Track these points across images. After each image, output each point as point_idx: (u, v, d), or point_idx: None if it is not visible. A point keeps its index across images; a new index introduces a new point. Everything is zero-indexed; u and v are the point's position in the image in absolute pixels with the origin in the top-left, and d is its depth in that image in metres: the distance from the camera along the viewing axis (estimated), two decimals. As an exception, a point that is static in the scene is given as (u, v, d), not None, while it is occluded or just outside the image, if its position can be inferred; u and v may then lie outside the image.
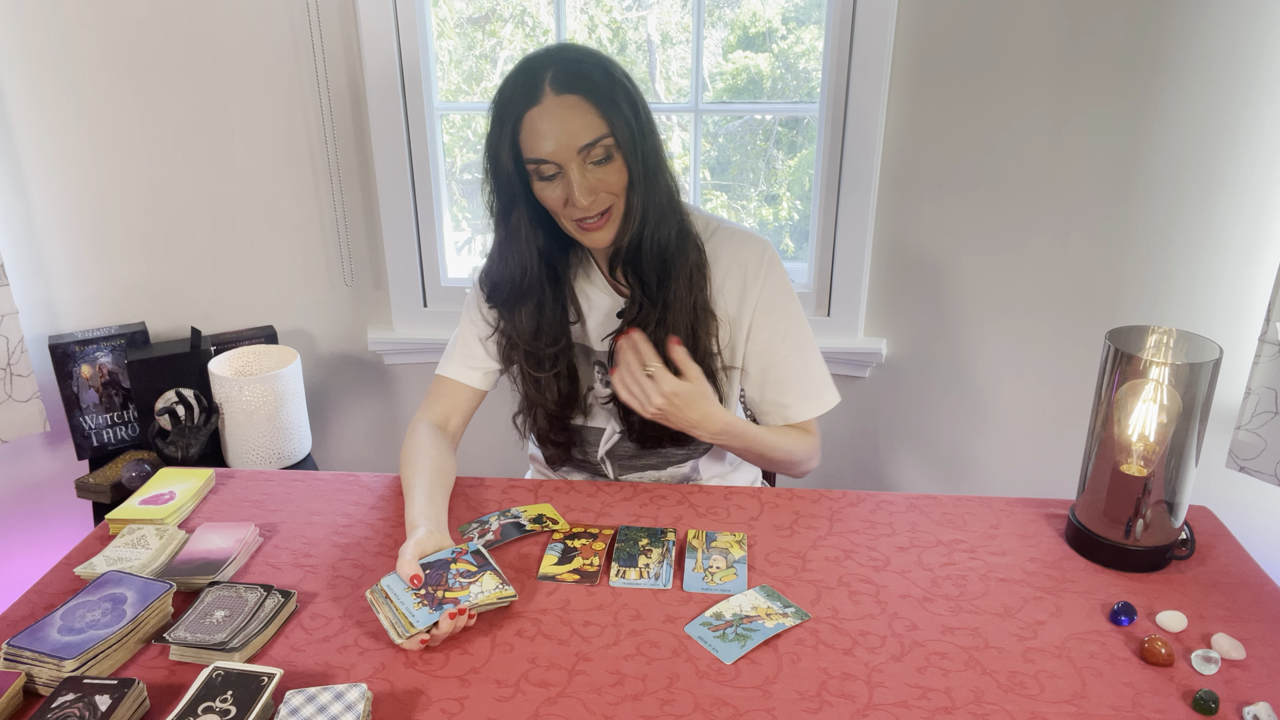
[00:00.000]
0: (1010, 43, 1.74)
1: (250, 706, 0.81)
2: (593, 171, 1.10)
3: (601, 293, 1.28)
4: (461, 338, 1.33)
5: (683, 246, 1.20)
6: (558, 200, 1.13)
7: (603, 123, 1.08)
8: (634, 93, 1.12)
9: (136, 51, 1.85)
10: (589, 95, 1.07)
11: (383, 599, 0.96)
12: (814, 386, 1.29)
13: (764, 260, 1.24)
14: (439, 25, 1.96)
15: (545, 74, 1.08)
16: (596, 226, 1.14)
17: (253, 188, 1.98)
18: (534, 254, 1.20)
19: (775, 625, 0.96)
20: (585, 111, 1.08)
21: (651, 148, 1.14)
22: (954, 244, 1.90)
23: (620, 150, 1.10)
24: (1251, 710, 0.84)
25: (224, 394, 1.80)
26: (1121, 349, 1.04)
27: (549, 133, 1.08)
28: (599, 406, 1.32)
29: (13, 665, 0.88)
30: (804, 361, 1.28)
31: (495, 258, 1.23)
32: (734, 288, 1.25)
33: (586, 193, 1.10)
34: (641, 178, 1.12)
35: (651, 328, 1.20)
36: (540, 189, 1.13)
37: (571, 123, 1.07)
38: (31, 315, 1.94)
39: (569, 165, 1.09)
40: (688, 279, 1.20)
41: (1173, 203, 1.78)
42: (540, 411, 1.30)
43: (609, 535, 1.15)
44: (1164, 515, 1.06)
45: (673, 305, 1.20)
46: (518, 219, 1.18)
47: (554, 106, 1.07)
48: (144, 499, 1.20)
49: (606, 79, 1.09)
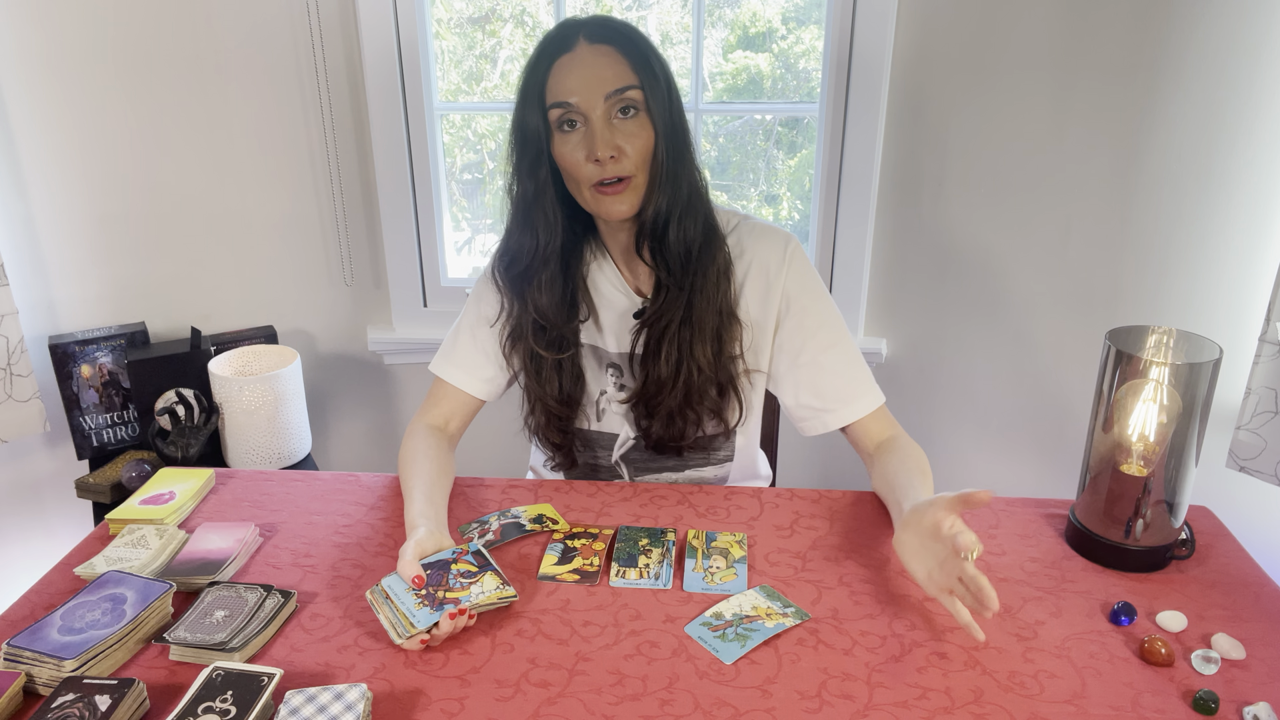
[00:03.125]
0: (1010, 43, 1.74)
1: (250, 706, 0.81)
2: (616, 125, 1.09)
3: (617, 291, 1.25)
4: (461, 339, 1.30)
5: (710, 244, 1.17)
6: (579, 154, 1.09)
7: (632, 74, 1.08)
8: (668, 70, 1.13)
9: (137, 51, 1.85)
10: (622, 48, 1.08)
11: (383, 599, 0.96)
12: (852, 388, 1.21)
13: (786, 253, 1.20)
14: (436, 26, 1.96)
15: (581, 28, 1.10)
16: (615, 190, 1.10)
17: (253, 187, 1.98)
18: (557, 218, 1.17)
19: (775, 625, 0.96)
20: (616, 61, 1.08)
21: (679, 122, 1.13)
22: (954, 244, 1.90)
23: (648, 110, 1.09)
24: (1251, 710, 0.84)
25: (224, 394, 1.80)
26: (1121, 349, 1.04)
27: (578, 75, 1.08)
28: (612, 411, 1.30)
29: (13, 665, 0.88)
30: (839, 359, 1.21)
31: (518, 223, 1.19)
32: (756, 285, 1.21)
33: (608, 145, 1.08)
34: (667, 149, 1.10)
35: (676, 326, 1.17)
36: (561, 144, 1.10)
37: (601, 68, 1.07)
38: (31, 315, 1.94)
39: (593, 113, 1.07)
40: (715, 279, 1.17)
41: (1173, 203, 1.78)
42: (540, 406, 1.27)
43: (609, 535, 1.14)
44: (1164, 515, 1.06)
45: (699, 303, 1.17)
46: (544, 179, 1.14)
47: (586, 53, 1.08)
48: (144, 499, 1.20)
49: (644, 41, 1.11)
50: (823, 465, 2.13)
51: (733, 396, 1.24)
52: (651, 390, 1.21)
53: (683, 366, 1.18)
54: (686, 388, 1.19)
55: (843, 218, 1.89)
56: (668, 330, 1.18)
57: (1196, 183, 1.76)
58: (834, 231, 1.92)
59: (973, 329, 1.95)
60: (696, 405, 1.21)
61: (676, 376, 1.19)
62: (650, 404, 1.23)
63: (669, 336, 1.18)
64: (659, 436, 1.25)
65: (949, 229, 1.89)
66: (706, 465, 1.33)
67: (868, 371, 1.24)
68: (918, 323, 1.98)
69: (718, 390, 1.22)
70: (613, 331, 1.26)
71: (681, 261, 1.16)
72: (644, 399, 1.23)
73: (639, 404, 1.24)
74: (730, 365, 1.21)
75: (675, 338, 1.18)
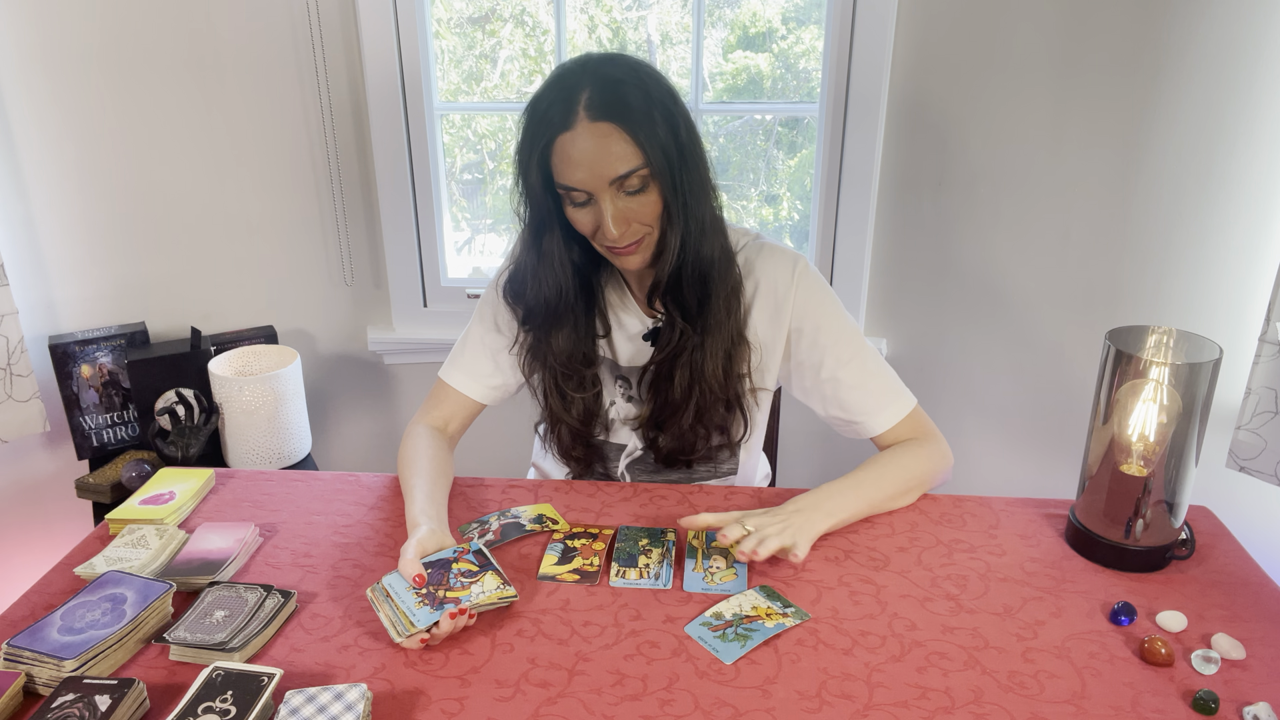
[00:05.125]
0: (1010, 43, 1.74)
1: (250, 706, 0.81)
2: (626, 201, 1.07)
3: (629, 312, 1.26)
4: (470, 346, 1.31)
5: (724, 267, 1.17)
6: (589, 227, 1.11)
7: (637, 153, 1.04)
8: (675, 112, 1.07)
9: (137, 51, 1.85)
10: (624, 124, 1.03)
11: (383, 597, 0.96)
12: (879, 397, 1.22)
13: (794, 274, 1.20)
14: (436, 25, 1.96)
15: (580, 95, 1.04)
16: (629, 252, 1.12)
17: (253, 187, 1.98)
18: (569, 274, 1.17)
19: (775, 625, 0.96)
20: (620, 141, 1.03)
21: (692, 170, 1.09)
22: (954, 244, 1.90)
23: (656, 180, 1.07)
24: (1251, 710, 0.84)
25: (224, 394, 1.80)
26: (1121, 349, 1.04)
27: (581, 161, 1.04)
28: (620, 424, 1.30)
29: (13, 665, 0.88)
30: (861, 369, 1.21)
31: (528, 280, 1.19)
32: (765, 306, 1.22)
33: (619, 223, 1.07)
34: (679, 207, 1.09)
35: (689, 354, 1.17)
36: (572, 214, 1.11)
37: (605, 153, 1.04)
38: (31, 315, 1.94)
39: (601, 195, 1.06)
40: (726, 302, 1.17)
41: (1173, 203, 1.78)
42: (564, 428, 1.27)
43: (609, 535, 1.14)
44: (1164, 515, 1.06)
45: (711, 329, 1.17)
46: (550, 243, 1.14)
47: (587, 134, 1.03)
48: (144, 499, 1.20)
49: (645, 103, 1.04)
50: (823, 465, 2.13)
51: (739, 413, 1.25)
52: (665, 413, 1.23)
53: (695, 388, 1.19)
54: (698, 407, 1.21)
55: (843, 218, 1.89)
56: (679, 357, 1.19)
57: (1196, 183, 1.76)
58: (834, 231, 1.92)
59: (973, 329, 1.95)
60: (706, 422, 1.23)
61: (689, 398, 1.20)
62: (661, 424, 1.24)
63: (681, 362, 1.19)
64: (668, 450, 1.26)
65: (949, 229, 1.89)
66: (712, 478, 1.33)
67: (890, 380, 1.23)
68: (918, 322, 1.98)
69: (725, 406, 1.23)
70: (624, 347, 1.27)
71: (698, 295, 1.16)
72: (655, 420, 1.24)
73: (650, 423, 1.25)
74: (738, 384, 1.22)
75: (688, 362, 1.18)
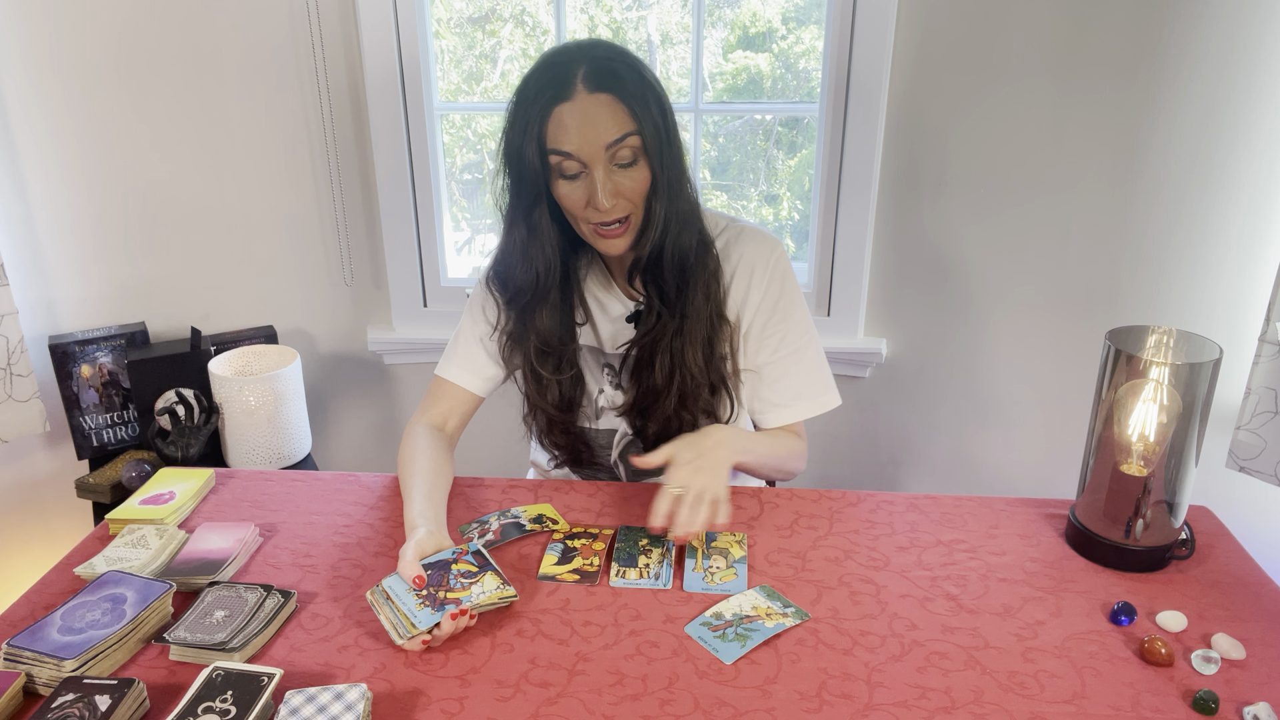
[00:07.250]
0: (1010, 43, 1.74)
1: (250, 706, 0.81)
2: (617, 174, 1.10)
3: (611, 296, 1.27)
4: (463, 340, 1.32)
5: (702, 255, 1.20)
6: (579, 202, 1.12)
7: (632, 121, 1.08)
8: (663, 97, 1.12)
9: (136, 51, 1.85)
10: (621, 94, 1.07)
11: (383, 600, 0.96)
12: (813, 387, 1.29)
13: (771, 260, 1.24)
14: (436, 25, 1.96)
15: (577, 70, 1.07)
16: (615, 234, 1.13)
17: (253, 187, 1.98)
18: (555, 252, 1.19)
19: (775, 625, 0.96)
20: (616, 110, 1.07)
21: (676, 154, 1.13)
22: (954, 244, 1.90)
23: (646, 154, 1.10)
24: (1251, 710, 0.84)
25: (224, 394, 1.80)
26: (1121, 349, 1.04)
27: (578, 128, 1.07)
28: (609, 411, 1.31)
29: (13, 665, 0.88)
30: (805, 361, 1.28)
31: (515, 258, 1.20)
32: (740, 287, 1.25)
33: (610, 195, 1.10)
34: (665, 185, 1.12)
35: (669, 338, 1.19)
36: (561, 189, 1.12)
37: (601, 119, 1.07)
38: (31, 315, 1.94)
39: (595, 164, 1.08)
40: (705, 287, 1.20)
41: (1173, 203, 1.78)
42: (540, 413, 1.29)
43: (609, 535, 1.15)
44: (1164, 515, 1.06)
45: (690, 315, 1.19)
46: (540, 216, 1.16)
47: (585, 103, 1.07)
48: (144, 499, 1.20)
49: (639, 80, 1.09)
50: (823, 465, 2.13)
51: (724, 394, 1.26)
52: (647, 399, 1.24)
53: (675, 374, 1.21)
54: (680, 393, 1.22)
55: (843, 218, 1.89)
56: (659, 342, 1.20)
57: (1196, 183, 1.76)
58: (834, 232, 1.92)
59: (973, 329, 1.95)
60: (691, 406, 1.24)
61: (670, 384, 1.21)
62: (645, 410, 1.25)
63: (661, 348, 1.21)
64: (655, 435, 1.26)
65: (949, 229, 1.89)
66: None
67: (830, 373, 1.30)
68: (918, 323, 1.98)
69: (710, 390, 1.24)
70: (608, 333, 1.29)
71: (676, 281, 1.18)
72: (639, 407, 1.26)
73: (634, 410, 1.26)
74: (721, 365, 1.24)
75: (668, 348, 1.20)
